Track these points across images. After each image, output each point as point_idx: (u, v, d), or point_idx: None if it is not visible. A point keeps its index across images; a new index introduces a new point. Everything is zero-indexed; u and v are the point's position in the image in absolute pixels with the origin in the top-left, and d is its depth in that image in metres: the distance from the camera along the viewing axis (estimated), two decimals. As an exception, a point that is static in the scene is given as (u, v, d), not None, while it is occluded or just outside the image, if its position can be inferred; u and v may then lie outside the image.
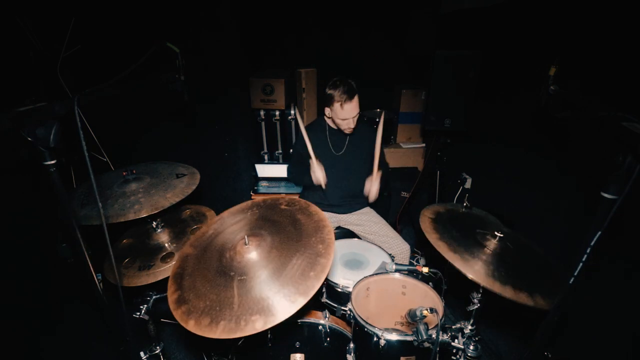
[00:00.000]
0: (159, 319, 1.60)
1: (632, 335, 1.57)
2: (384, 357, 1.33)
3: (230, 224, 1.42)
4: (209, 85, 2.45)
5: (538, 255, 1.42)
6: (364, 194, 2.13)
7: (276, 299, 1.06)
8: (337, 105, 1.92)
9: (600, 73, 1.71)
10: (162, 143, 2.48)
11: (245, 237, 1.26)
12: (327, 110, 2.04)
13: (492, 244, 1.38)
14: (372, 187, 2.06)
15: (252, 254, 1.23)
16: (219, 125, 2.65)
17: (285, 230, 1.32)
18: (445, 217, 1.56)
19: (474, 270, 1.24)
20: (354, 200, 2.23)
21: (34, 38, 2.09)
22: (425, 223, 1.47)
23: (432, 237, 1.38)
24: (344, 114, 1.94)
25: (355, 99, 1.93)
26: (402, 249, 2.06)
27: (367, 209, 2.28)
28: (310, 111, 3.35)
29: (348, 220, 2.23)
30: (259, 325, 1.00)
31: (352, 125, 2.01)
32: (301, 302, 1.04)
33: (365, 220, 2.20)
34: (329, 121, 2.15)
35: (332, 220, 2.22)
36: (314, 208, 1.40)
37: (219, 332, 1.00)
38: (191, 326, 1.04)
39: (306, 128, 2.18)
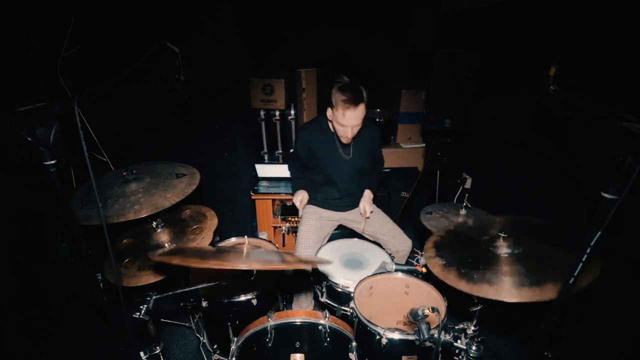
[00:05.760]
0: (159, 319, 1.60)
1: (632, 335, 1.57)
2: (386, 355, 1.34)
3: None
4: (209, 85, 2.45)
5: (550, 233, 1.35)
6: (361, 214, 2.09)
7: (274, 259, 1.19)
8: (339, 111, 1.75)
9: (600, 73, 1.71)
10: (162, 143, 2.48)
11: (246, 237, 1.27)
12: (329, 112, 1.87)
13: (502, 247, 1.28)
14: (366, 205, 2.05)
15: (253, 250, 1.24)
16: (219, 125, 2.65)
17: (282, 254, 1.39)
18: (446, 244, 1.40)
19: (507, 291, 1.11)
20: (354, 198, 2.22)
21: (34, 38, 2.09)
22: (436, 268, 1.28)
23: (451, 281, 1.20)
24: (345, 121, 1.77)
25: (361, 107, 1.74)
26: (404, 245, 2.06)
27: None
28: (310, 111, 3.36)
29: (349, 218, 2.23)
30: (253, 266, 1.14)
31: (350, 136, 1.83)
32: (298, 266, 1.24)
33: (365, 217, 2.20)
34: (330, 123, 2.02)
35: (333, 218, 2.23)
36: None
37: (209, 264, 1.10)
38: (176, 261, 1.09)
39: (304, 127, 2.17)
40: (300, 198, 2.08)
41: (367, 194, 2.08)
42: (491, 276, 1.17)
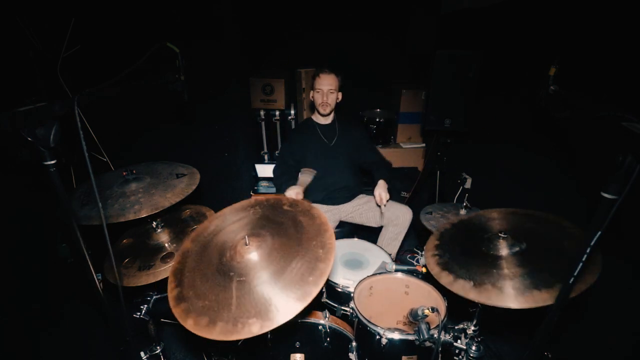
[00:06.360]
0: (159, 319, 1.60)
1: (632, 335, 1.57)
2: (386, 355, 1.33)
3: (231, 222, 1.42)
4: (209, 85, 2.45)
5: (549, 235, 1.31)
6: (377, 203, 2.08)
7: (273, 304, 1.06)
8: (315, 80, 2.13)
9: (600, 73, 1.71)
10: (162, 143, 2.48)
11: (246, 237, 1.26)
12: (311, 94, 2.21)
13: (503, 249, 1.25)
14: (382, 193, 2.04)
15: (252, 254, 1.23)
16: (219, 125, 2.65)
17: (286, 233, 1.32)
18: (445, 244, 1.38)
19: (507, 296, 1.08)
20: (349, 191, 2.31)
21: (34, 38, 2.09)
22: (432, 265, 1.28)
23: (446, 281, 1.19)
24: (319, 83, 2.11)
25: (333, 76, 2.10)
26: (405, 217, 2.13)
27: (361, 195, 2.39)
28: (310, 111, 3.35)
29: (347, 210, 2.31)
30: (255, 328, 0.99)
31: (326, 100, 2.13)
32: (298, 307, 1.04)
33: (362, 203, 2.30)
34: (314, 117, 2.29)
35: (332, 213, 2.27)
36: (317, 211, 1.36)
37: (216, 333, 1.00)
38: (190, 325, 1.03)
39: (296, 129, 2.32)
40: (296, 191, 2.00)
41: (382, 182, 2.10)
42: (492, 279, 1.13)
